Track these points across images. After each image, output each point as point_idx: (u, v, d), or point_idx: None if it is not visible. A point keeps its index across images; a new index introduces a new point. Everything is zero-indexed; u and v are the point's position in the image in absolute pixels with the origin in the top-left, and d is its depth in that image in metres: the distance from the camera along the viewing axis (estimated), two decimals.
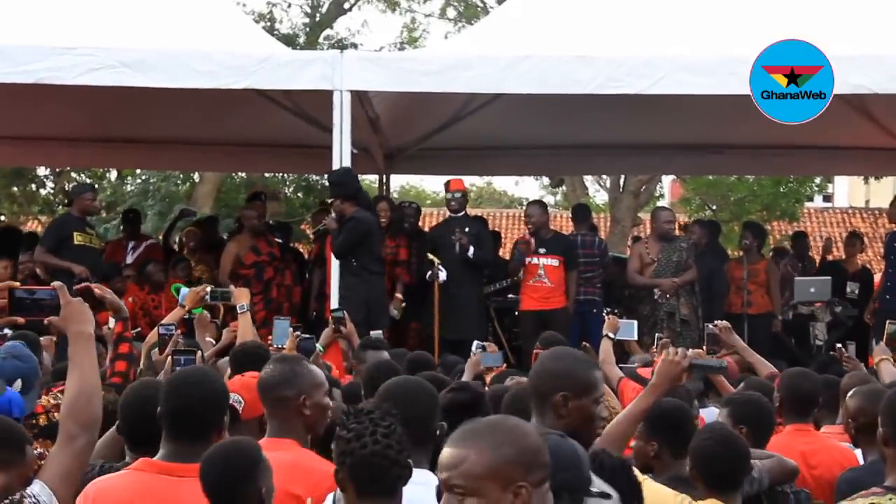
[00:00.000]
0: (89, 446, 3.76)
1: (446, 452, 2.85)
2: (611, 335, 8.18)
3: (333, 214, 10.44)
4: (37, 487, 3.60)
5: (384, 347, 7.74)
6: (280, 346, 7.87)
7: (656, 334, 8.16)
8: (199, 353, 6.62)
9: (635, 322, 8.72)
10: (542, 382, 3.91)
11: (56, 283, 3.90)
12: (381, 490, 3.50)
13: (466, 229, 11.76)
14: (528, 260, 11.88)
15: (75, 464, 3.68)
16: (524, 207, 15.01)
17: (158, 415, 4.15)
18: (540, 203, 12.88)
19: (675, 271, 12.07)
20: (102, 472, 4.34)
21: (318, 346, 8.02)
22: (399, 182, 41.12)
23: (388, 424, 3.57)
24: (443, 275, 10.96)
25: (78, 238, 11.25)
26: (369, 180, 19.24)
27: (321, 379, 4.63)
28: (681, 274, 12.08)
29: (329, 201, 10.51)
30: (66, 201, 14.10)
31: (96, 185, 14.93)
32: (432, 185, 45.48)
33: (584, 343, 8.93)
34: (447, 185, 12.04)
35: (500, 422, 2.91)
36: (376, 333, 8.41)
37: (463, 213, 12.00)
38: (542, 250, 11.88)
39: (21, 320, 3.94)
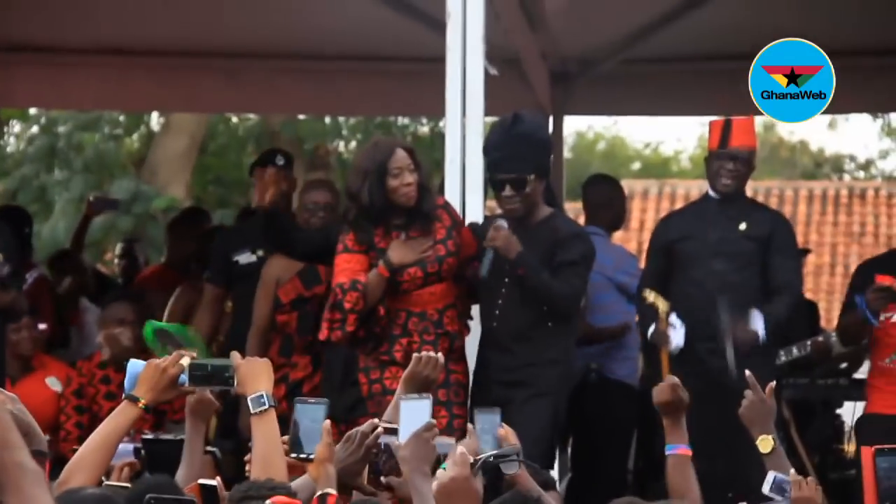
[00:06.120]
0: None
1: None
2: None
3: (503, 231, 6.58)
4: None
5: None
6: (301, 454, 4.71)
7: None
8: None
9: None
10: None
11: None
12: None
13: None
14: (883, 315, 6.97)
15: None
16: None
17: None
18: None
19: None
20: None
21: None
22: (577, 125, 27.36)
23: None
24: (677, 335, 6.64)
25: None
26: None
27: None
28: None
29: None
30: None
31: None
32: (641, 130, 36.27)
33: None
34: (724, 130, 7.22)
35: None
36: None
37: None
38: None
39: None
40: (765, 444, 5.11)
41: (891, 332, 7.13)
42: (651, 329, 6.82)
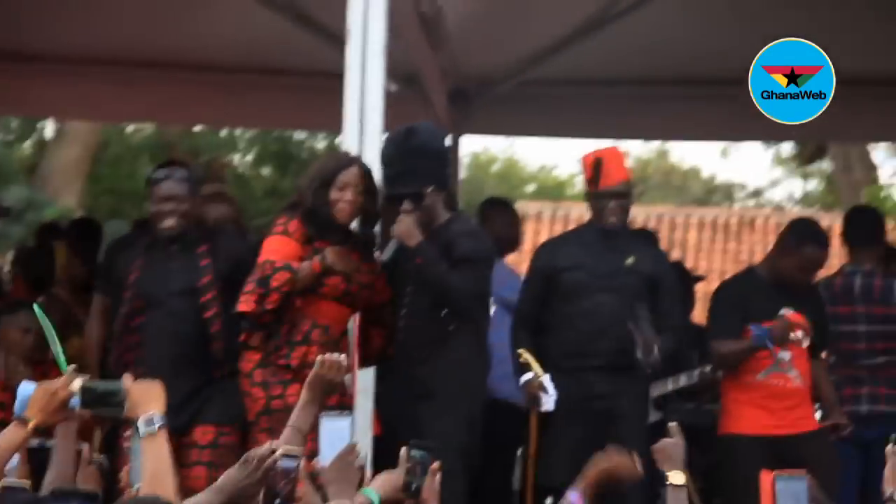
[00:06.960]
0: None
1: None
2: None
3: (406, 216, 6.60)
4: None
5: None
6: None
7: None
8: None
9: None
10: None
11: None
12: None
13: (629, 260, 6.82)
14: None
15: None
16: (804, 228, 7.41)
17: None
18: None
19: None
20: None
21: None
22: (472, 145, 27.88)
23: None
24: (549, 400, 6.76)
25: None
26: None
27: None
28: None
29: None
30: None
31: None
32: (537, 153, 35.36)
33: None
34: (595, 164, 7.08)
35: None
36: None
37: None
38: (786, 311, 6.99)
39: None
40: (676, 477, 5.17)
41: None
42: (522, 381, 6.63)
